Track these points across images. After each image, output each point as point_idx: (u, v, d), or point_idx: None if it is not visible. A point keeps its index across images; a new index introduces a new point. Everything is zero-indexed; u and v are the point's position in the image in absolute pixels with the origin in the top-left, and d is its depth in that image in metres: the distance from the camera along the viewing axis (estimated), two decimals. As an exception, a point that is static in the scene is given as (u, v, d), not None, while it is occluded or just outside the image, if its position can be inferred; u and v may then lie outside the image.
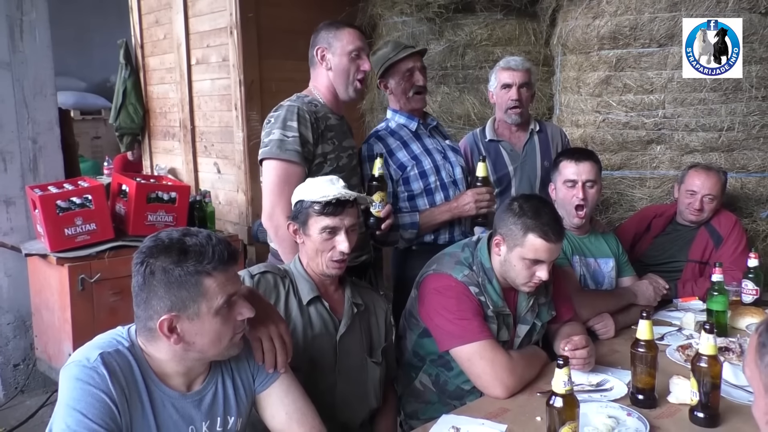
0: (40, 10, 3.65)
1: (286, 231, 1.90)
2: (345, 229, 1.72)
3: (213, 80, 4.15)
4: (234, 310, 1.34)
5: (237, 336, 1.37)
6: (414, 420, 2.00)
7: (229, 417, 1.44)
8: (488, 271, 1.91)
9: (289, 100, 2.13)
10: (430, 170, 2.45)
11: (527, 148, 2.83)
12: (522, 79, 2.73)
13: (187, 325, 1.29)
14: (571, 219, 2.36)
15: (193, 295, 1.28)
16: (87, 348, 1.31)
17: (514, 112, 2.74)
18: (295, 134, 2.03)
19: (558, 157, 2.49)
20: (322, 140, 2.11)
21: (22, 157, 3.60)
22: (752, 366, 0.94)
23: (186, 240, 1.30)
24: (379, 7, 4.13)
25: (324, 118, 2.15)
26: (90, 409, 1.23)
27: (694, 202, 2.72)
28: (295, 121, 2.04)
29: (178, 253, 1.27)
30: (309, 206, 1.72)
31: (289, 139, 2.03)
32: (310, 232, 1.73)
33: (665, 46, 3.10)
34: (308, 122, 2.06)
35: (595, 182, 2.37)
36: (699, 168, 2.78)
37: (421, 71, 2.48)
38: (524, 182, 2.79)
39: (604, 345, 2.15)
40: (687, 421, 1.62)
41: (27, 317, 3.61)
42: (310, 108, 2.12)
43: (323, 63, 2.19)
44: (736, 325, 2.30)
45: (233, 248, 1.35)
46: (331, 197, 1.69)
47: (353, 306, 1.82)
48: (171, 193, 3.54)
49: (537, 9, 3.86)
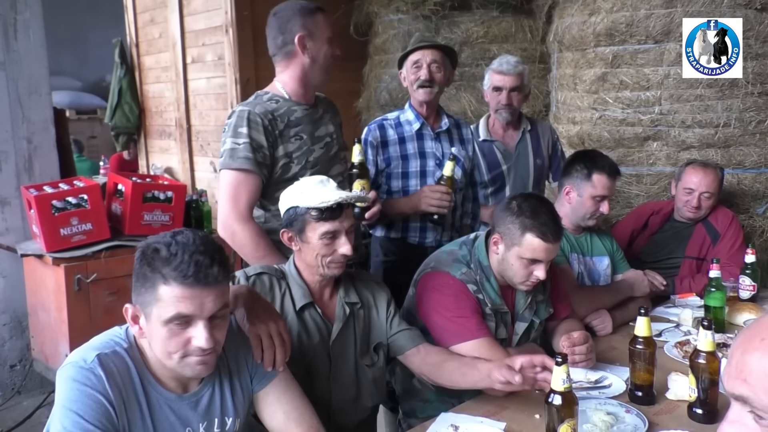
0: (35, 10, 3.64)
1: (243, 236, 1.95)
2: (345, 232, 1.68)
3: (209, 79, 4.13)
4: (188, 331, 1.25)
5: (192, 358, 1.27)
6: (412, 418, 2.00)
7: (227, 418, 1.43)
8: (486, 269, 1.90)
9: (242, 104, 2.05)
10: (415, 173, 2.44)
11: (519, 147, 2.89)
12: (512, 84, 2.76)
13: (144, 322, 1.28)
14: (585, 222, 2.38)
15: (150, 296, 1.24)
16: (84, 349, 1.30)
17: (504, 111, 2.81)
18: (246, 140, 1.97)
19: (591, 168, 2.33)
20: (283, 140, 2.03)
21: (17, 156, 3.59)
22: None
23: (170, 240, 1.26)
24: (375, 5, 4.13)
25: (287, 114, 2.06)
26: (87, 411, 1.22)
27: (692, 200, 2.71)
28: (245, 127, 1.97)
29: (153, 251, 1.25)
30: (305, 213, 1.66)
31: (240, 147, 1.97)
32: (309, 239, 1.68)
33: (661, 42, 3.10)
34: (260, 125, 1.98)
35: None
36: (696, 165, 2.78)
37: (432, 65, 2.39)
38: (518, 181, 2.84)
39: (602, 342, 2.16)
40: (685, 417, 1.62)
41: (23, 318, 3.60)
42: (267, 108, 2.03)
43: (305, 52, 2.06)
44: (734, 321, 2.30)
45: (213, 272, 1.23)
46: (332, 202, 1.63)
47: (345, 307, 1.77)
48: (167, 193, 3.53)
49: (533, 6, 3.87)
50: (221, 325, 1.30)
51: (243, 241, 1.96)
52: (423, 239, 2.49)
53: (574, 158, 2.46)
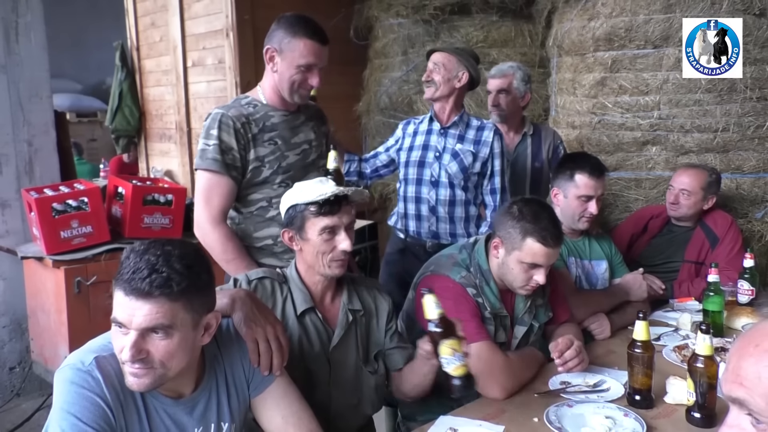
0: (36, 13, 3.65)
1: (213, 237, 2.02)
2: (344, 227, 1.69)
3: (209, 82, 4.14)
4: (123, 339, 1.21)
5: (125, 368, 1.23)
6: (411, 421, 2.00)
7: (223, 423, 1.42)
8: (485, 273, 1.91)
9: (219, 107, 2.10)
10: (414, 163, 2.67)
11: (518, 149, 2.99)
12: (498, 86, 2.94)
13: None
14: (576, 225, 2.39)
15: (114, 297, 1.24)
16: (82, 351, 1.30)
17: (493, 111, 2.99)
18: (215, 142, 2.02)
19: (573, 169, 2.37)
20: (256, 144, 2.06)
21: (18, 159, 3.59)
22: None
23: (139, 246, 1.24)
24: (375, 9, 4.14)
25: (263, 119, 2.09)
26: (84, 413, 1.22)
27: (669, 195, 2.81)
28: (215, 129, 2.03)
29: (125, 254, 1.25)
30: (304, 209, 1.68)
31: (210, 148, 2.03)
32: (309, 235, 1.69)
33: (660, 47, 3.11)
34: (231, 128, 2.02)
35: (603, 192, 2.44)
36: (684, 165, 2.89)
37: (433, 67, 2.61)
38: (513, 182, 2.87)
39: (600, 346, 2.16)
40: (684, 421, 1.62)
41: (23, 320, 3.60)
42: (242, 111, 2.07)
43: (270, 64, 2.09)
44: (732, 326, 2.30)
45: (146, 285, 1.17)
46: (329, 194, 1.65)
47: (348, 314, 1.77)
48: (167, 196, 3.54)
49: (532, 11, 3.87)
50: (161, 342, 1.22)
51: (212, 243, 2.03)
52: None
53: (560, 162, 2.55)
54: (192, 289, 1.23)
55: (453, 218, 2.63)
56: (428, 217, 2.64)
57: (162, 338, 1.22)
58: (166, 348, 1.23)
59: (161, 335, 1.22)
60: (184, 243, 1.29)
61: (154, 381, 1.24)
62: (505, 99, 2.93)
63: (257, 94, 2.16)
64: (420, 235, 2.68)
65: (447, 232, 2.64)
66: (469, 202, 2.64)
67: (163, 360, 1.23)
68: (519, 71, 2.96)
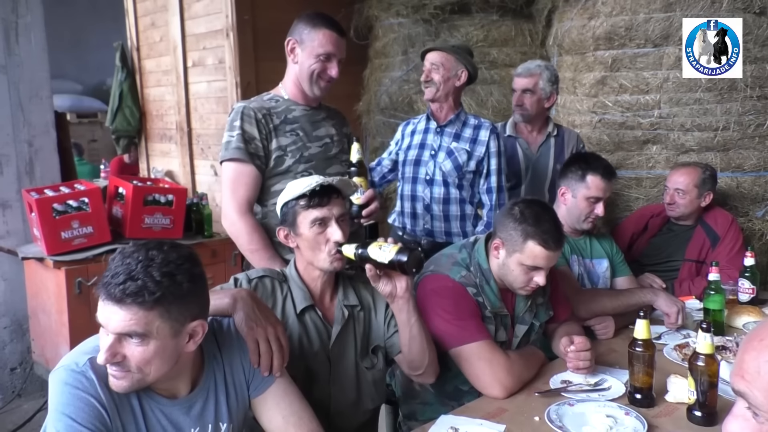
0: (36, 13, 3.65)
1: (239, 227, 2.06)
2: (335, 219, 1.69)
3: (209, 82, 4.14)
4: (104, 336, 1.22)
5: (108, 367, 1.23)
6: (412, 421, 2.00)
7: (221, 423, 1.42)
8: (486, 272, 1.91)
9: (242, 101, 2.18)
10: (411, 162, 2.69)
11: (542, 150, 2.94)
12: (523, 85, 2.86)
13: None
14: (580, 225, 2.40)
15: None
16: (76, 352, 1.30)
17: (516, 111, 2.91)
18: (238, 132, 2.08)
19: (585, 170, 2.35)
20: (278, 134, 2.13)
21: (18, 160, 3.59)
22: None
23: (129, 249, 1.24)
24: (375, 8, 4.14)
25: (284, 112, 2.16)
26: (79, 414, 1.22)
27: (665, 195, 2.80)
28: (238, 120, 2.09)
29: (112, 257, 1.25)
30: (294, 204, 1.70)
31: (233, 139, 2.09)
32: (301, 230, 1.70)
33: (660, 46, 3.11)
34: (253, 119, 2.10)
35: (610, 194, 2.46)
36: (678, 164, 2.89)
37: (431, 66, 2.62)
38: (534, 182, 2.88)
39: (601, 344, 2.16)
40: (685, 419, 1.62)
41: (24, 321, 3.60)
42: (264, 105, 2.15)
43: (291, 56, 2.17)
44: (733, 324, 2.30)
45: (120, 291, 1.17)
46: (314, 184, 1.67)
47: (344, 310, 1.77)
48: (168, 196, 3.54)
49: (533, 10, 3.87)
50: (137, 348, 1.21)
51: (238, 233, 2.08)
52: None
53: (570, 160, 2.51)
54: (169, 298, 1.20)
55: (448, 216, 2.64)
56: (423, 215, 2.66)
57: (138, 344, 1.21)
58: (142, 354, 1.21)
59: (137, 341, 1.21)
60: (175, 248, 1.26)
61: (132, 384, 1.24)
62: (530, 99, 2.84)
63: (279, 91, 2.23)
64: (415, 233, 2.69)
65: (442, 230, 2.65)
66: (465, 201, 2.64)
67: (139, 365, 1.22)
68: (546, 71, 2.85)
